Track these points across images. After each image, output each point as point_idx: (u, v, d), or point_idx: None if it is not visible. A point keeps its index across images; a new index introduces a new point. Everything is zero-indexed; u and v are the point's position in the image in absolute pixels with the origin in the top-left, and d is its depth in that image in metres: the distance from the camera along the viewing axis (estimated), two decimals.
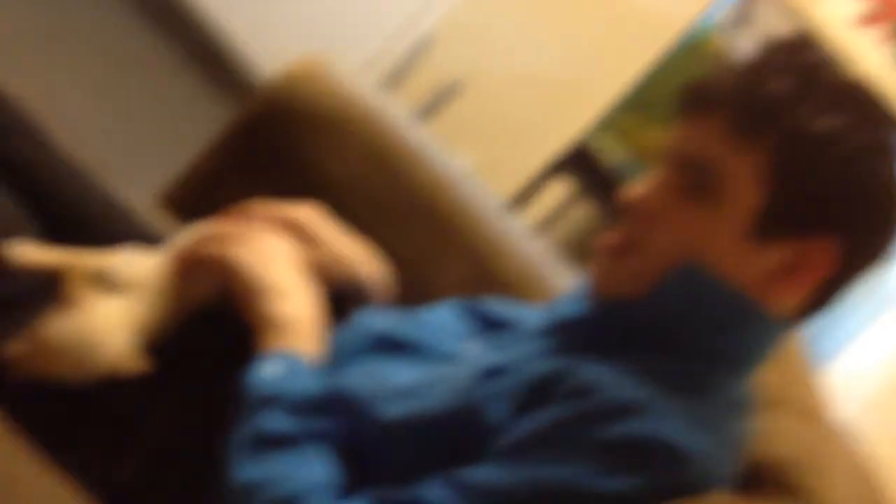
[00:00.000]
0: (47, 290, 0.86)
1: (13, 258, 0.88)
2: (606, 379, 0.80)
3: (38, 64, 2.38)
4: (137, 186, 1.42)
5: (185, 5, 3.09)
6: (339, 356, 0.94)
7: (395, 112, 1.49)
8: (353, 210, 1.40)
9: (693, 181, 0.83)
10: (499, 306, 1.08)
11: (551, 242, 2.97)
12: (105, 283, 0.88)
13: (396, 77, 3.21)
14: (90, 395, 0.85)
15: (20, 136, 1.05)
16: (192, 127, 1.99)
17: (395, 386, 0.89)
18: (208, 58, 3.11)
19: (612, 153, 2.55)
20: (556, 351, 0.89)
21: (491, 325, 1.04)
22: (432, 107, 3.24)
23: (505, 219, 1.51)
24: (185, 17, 3.10)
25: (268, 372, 0.86)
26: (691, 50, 2.60)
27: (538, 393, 0.82)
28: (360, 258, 1.08)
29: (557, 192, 2.97)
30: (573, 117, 2.72)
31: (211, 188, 1.41)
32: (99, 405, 0.88)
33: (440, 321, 1.02)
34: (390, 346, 0.96)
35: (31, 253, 0.89)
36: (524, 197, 2.60)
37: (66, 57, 2.53)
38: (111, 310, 0.86)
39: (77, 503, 0.80)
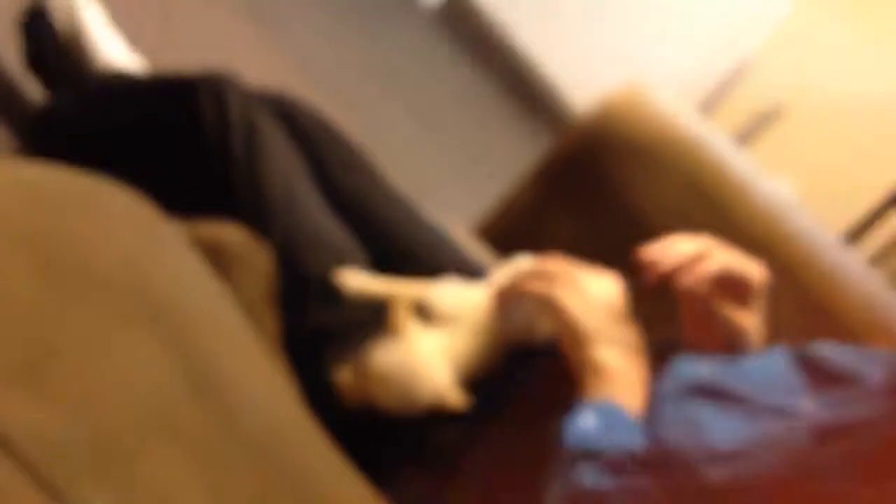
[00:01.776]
0: (375, 318, 0.88)
1: (346, 285, 0.91)
2: None
3: (363, 99, 2.52)
4: (455, 216, 1.45)
5: (500, 40, 3.17)
6: (656, 400, 0.89)
7: (717, 140, 1.42)
8: None
9: None
10: (836, 354, 0.96)
11: (888, 277, 2.72)
12: (427, 313, 0.89)
13: (712, 102, 3.10)
14: (415, 426, 0.86)
15: (353, 169, 1.09)
16: (508, 158, 2.01)
17: (719, 444, 0.81)
18: (523, 90, 3.16)
19: None
20: None
21: (828, 378, 0.93)
22: (750, 133, 3.08)
23: (840, 252, 1.38)
24: (500, 50, 3.18)
25: (587, 423, 0.82)
26: None
27: (889, 461, 0.72)
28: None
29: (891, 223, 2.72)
30: None
31: (528, 220, 1.40)
32: (424, 436, 0.88)
33: (769, 370, 0.93)
34: (710, 395, 0.89)
35: (361, 280, 0.91)
36: (859, 231, 2.39)
37: (389, 91, 2.66)
38: (433, 342, 0.86)
39: None
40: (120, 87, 1.10)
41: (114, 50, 1.28)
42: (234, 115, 0.98)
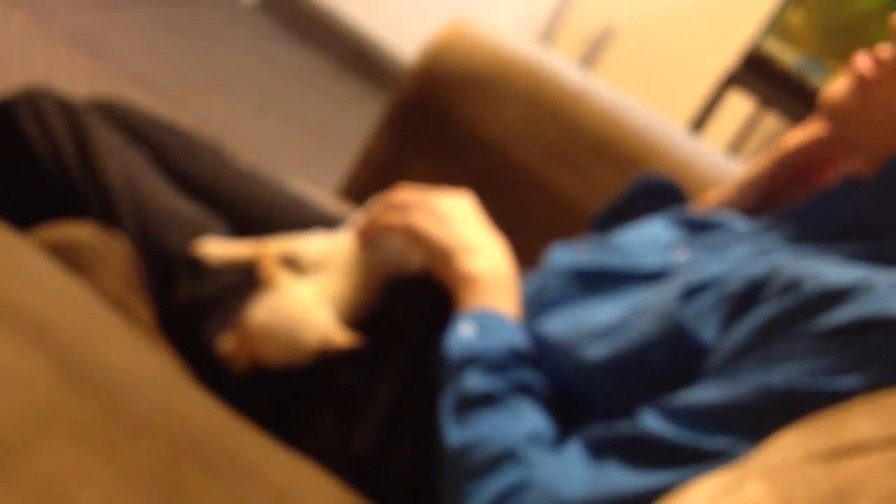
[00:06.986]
0: (244, 281, 0.88)
1: (207, 254, 0.90)
2: (818, 267, 0.72)
3: (204, 100, 2.49)
4: (319, 186, 1.45)
5: (326, 17, 3.16)
6: (539, 302, 0.91)
7: (547, 57, 1.45)
8: (527, 160, 1.38)
9: None
10: (708, 213, 1.00)
11: (745, 159, 2.84)
12: (295, 265, 0.89)
13: (545, 38, 3.16)
14: (310, 374, 0.86)
15: (196, 155, 1.08)
16: (360, 126, 2.03)
17: (596, 325, 0.84)
18: (360, 61, 3.17)
19: (787, 55, 2.39)
20: (766, 251, 0.83)
21: (700, 228, 0.96)
22: (589, 57, 3.16)
23: (689, 140, 1.44)
24: (328, 28, 3.17)
25: (464, 332, 0.84)
26: None
27: (746, 300, 0.75)
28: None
29: (741, 111, 2.84)
30: (736, 30, 2.58)
31: (385, 170, 1.41)
32: (321, 383, 0.89)
33: (647, 235, 0.96)
34: (591, 281, 0.92)
35: (223, 247, 0.91)
36: (705, 117, 2.49)
37: (227, 87, 2.64)
38: (308, 289, 0.86)
39: (321, 479, 0.81)
40: None
41: None
42: (59, 125, 0.95)
